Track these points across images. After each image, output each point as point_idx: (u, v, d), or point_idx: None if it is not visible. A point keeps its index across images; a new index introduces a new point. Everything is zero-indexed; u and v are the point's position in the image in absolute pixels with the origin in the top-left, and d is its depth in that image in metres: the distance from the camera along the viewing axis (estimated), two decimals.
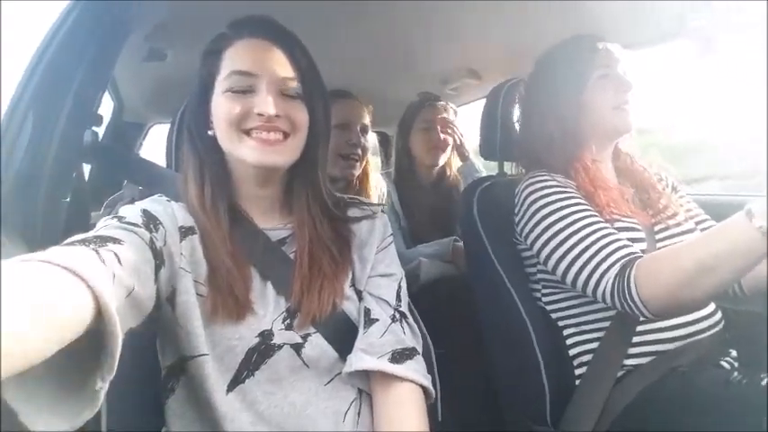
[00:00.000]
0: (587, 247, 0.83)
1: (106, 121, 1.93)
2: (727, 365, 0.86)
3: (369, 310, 0.75)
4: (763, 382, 0.80)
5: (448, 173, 1.74)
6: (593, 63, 0.96)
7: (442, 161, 1.69)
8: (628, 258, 0.79)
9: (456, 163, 1.75)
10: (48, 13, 0.88)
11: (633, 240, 0.87)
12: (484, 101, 1.23)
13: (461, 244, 1.44)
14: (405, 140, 1.71)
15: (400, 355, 0.71)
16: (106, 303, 0.39)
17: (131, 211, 0.64)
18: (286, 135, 0.69)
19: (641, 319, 0.77)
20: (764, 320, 0.92)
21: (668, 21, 1.23)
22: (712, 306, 0.92)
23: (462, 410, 0.99)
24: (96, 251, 0.47)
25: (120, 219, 0.61)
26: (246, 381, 0.66)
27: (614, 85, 0.95)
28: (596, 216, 0.86)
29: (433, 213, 1.66)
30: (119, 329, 0.40)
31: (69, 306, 0.38)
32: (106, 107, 1.89)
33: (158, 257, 0.60)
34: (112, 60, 1.02)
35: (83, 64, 0.91)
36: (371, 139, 2.55)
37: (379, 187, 1.66)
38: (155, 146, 2.26)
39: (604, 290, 0.80)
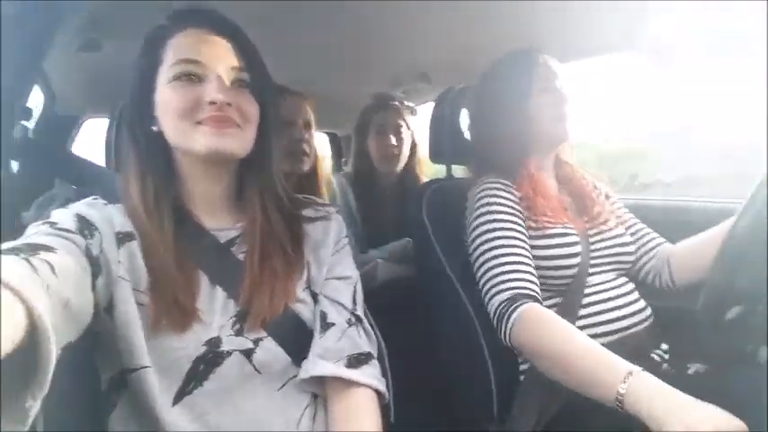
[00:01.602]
0: (495, 266, 0.91)
1: (36, 114, 1.81)
2: (657, 358, 0.93)
3: (325, 314, 0.73)
4: (690, 371, 0.87)
5: (410, 175, 1.71)
6: (533, 77, 1.01)
7: (399, 167, 1.66)
8: (520, 292, 0.87)
9: (422, 164, 1.71)
10: None
11: (568, 245, 0.95)
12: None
13: None
14: (362, 145, 1.67)
15: (356, 360, 0.71)
16: (40, 317, 0.36)
17: (64, 216, 0.60)
18: (238, 126, 0.66)
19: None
20: (691, 316, 0.99)
21: (615, 32, 1.29)
22: (643, 302, 0.99)
23: (415, 410, 1.00)
24: (28, 260, 0.44)
25: (53, 224, 0.57)
26: (194, 391, 0.63)
27: (553, 97, 1.01)
28: (520, 240, 0.94)
29: (391, 217, 1.64)
30: (53, 345, 0.37)
31: (2, 321, 0.34)
32: (36, 99, 1.76)
33: (95, 265, 0.57)
34: (41, 53, 0.95)
35: (9, 57, 0.84)
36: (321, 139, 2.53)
37: (330, 185, 1.63)
38: (90, 140, 2.12)
39: (492, 307, 0.89)
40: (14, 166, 0.95)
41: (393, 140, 1.61)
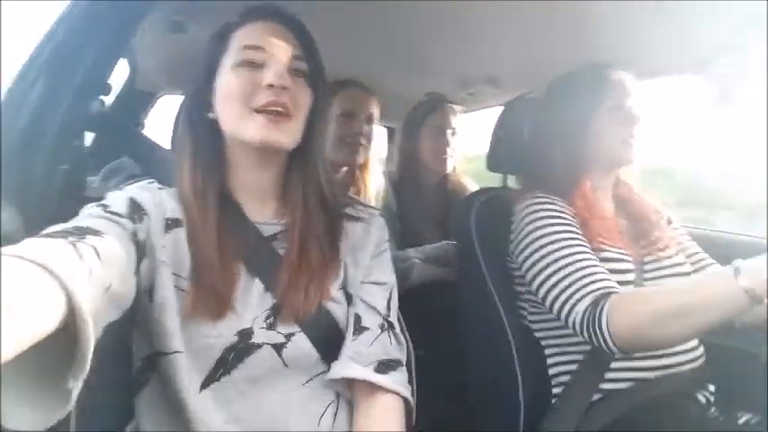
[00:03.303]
0: (567, 275, 0.85)
1: (118, 87, 1.94)
2: (703, 400, 0.87)
3: (359, 317, 0.73)
4: (740, 421, 0.80)
5: (452, 178, 1.68)
6: (603, 94, 0.96)
7: (450, 168, 1.63)
8: (603, 291, 0.81)
9: (462, 168, 1.69)
10: None
11: (620, 271, 0.89)
12: (496, 109, 1.23)
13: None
14: (412, 142, 1.63)
15: (386, 366, 0.71)
16: (78, 303, 0.38)
17: (117, 200, 0.63)
18: (289, 114, 0.67)
19: (607, 352, 0.79)
20: (747, 358, 0.92)
21: (690, 55, 1.21)
22: (695, 340, 0.92)
23: (437, 415, 0.99)
24: (74, 244, 0.46)
25: (105, 207, 0.60)
26: (222, 379, 0.64)
27: (622, 118, 0.95)
28: (585, 247, 0.88)
29: (432, 218, 1.62)
30: (91, 330, 0.38)
31: (39, 305, 0.36)
32: (120, 73, 1.88)
33: (140, 250, 0.60)
34: (132, 31, 1.01)
35: (102, 32, 0.90)
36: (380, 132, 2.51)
37: (376, 181, 1.63)
38: (161, 116, 2.25)
39: (575, 318, 0.82)
40: (90, 137, 1.01)
41: (450, 142, 1.59)
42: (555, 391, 0.92)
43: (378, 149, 1.69)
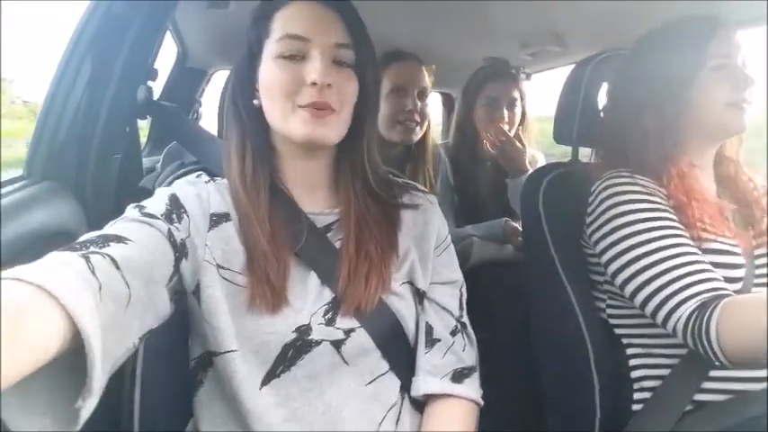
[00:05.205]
0: (665, 271, 0.73)
1: (170, 66, 1.95)
2: None
3: (431, 327, 0.72)
4: None
5: None
6: (708, 51, 0.80)
7: None
8: (712, 295, 0.69)
9: (530, 134, 1.56)
10: None
11: (728, 266, 0.76)
12: (563, 69, 1.10)
13: (515, 224, 1.36)
14: (468, 112, 1.53)
15: (460, 375, 0.71)
16: (82, 325, 0.37)
17: (158, 199, 0.62)
18: (334, 111, 0.64)
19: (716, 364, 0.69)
20: None
21: None
22: None
23: (500, 405, 0.93)
24: (87, 258, 0.44)
25: (141, 209, 0.59)
26: (282, 375, 0.63)
27: (732, 79, 0.79)
28: (683, 236, 0.76)
29: (491, 193, 1.52)
30: (96, 351, 0.37)
31: (37, 328, 0.35)
32: (170, 53, 1.89)
33: (178, 250, 0.58)
34: (170, 9, 0.98)
35: (139, 14, 0.87)
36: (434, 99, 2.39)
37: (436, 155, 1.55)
38: (217, 92, 2.26)
39: (676, 323, 0.71)
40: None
41: (506, 116, 1.47)
42: (636, 396, 0.83)
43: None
